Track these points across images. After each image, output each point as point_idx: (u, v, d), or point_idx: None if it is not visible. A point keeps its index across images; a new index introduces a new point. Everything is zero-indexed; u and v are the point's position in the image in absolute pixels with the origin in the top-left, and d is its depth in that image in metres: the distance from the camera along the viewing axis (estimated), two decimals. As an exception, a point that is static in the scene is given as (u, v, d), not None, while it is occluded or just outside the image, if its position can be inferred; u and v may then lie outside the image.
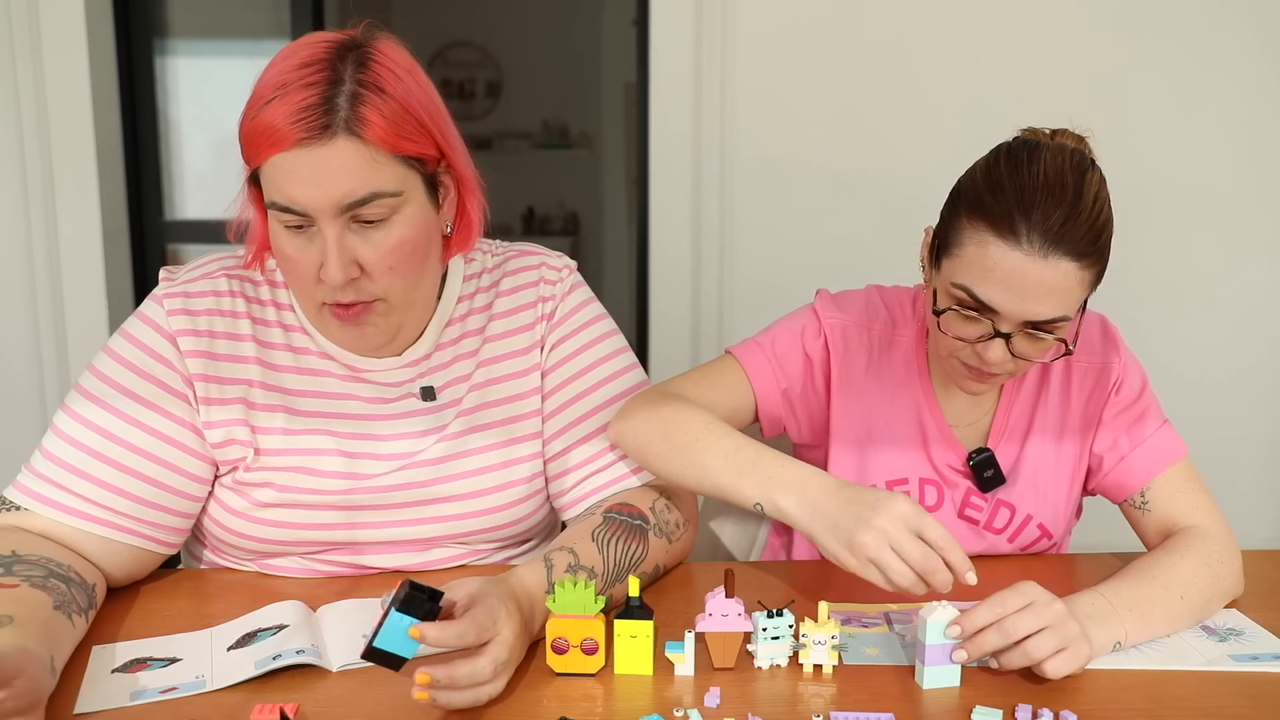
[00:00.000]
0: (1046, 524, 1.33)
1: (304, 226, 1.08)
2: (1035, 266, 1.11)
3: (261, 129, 1.05)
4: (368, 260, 1.10)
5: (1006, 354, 1.17)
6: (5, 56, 2.67)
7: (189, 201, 3.13)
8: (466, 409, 1.24)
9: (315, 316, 1.17)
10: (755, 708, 0.97)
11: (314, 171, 1.05)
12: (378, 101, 1.06)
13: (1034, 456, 1.32)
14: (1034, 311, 1.13)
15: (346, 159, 1.05)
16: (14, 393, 2.82)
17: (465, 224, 1.21)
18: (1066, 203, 1.11)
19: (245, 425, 1.18)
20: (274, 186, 1.07)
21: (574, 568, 1.10)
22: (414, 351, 1.24)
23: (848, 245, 2.75)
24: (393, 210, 1.09)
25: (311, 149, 1.04)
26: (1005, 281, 1.12)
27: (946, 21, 2.69)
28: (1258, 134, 2.73)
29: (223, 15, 3.17)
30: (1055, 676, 0.99)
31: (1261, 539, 2.62)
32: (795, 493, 1.09)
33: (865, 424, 1.33)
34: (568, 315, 1.29)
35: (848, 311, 1.34)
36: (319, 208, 1.06)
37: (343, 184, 1.05)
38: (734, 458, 1.15)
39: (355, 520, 1.21)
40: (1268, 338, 2.80)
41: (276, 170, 1.06)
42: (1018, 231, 1.11)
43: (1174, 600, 1.12)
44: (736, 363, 1.32)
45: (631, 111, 4.80)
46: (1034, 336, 1.16)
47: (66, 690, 0.98)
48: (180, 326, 1.17)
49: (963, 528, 1.33)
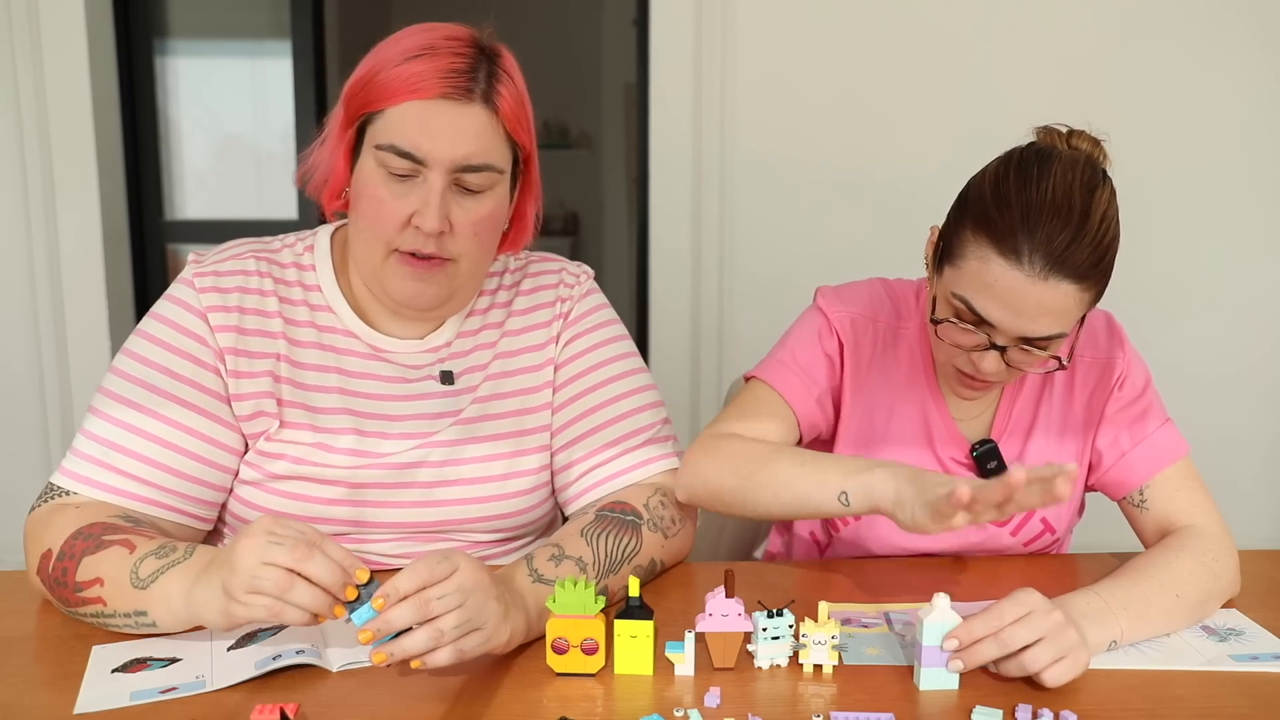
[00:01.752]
0: (1049, 518, 1.33)
1: (409, 176, 1.14)
2: (1035, 287, 1.11)
3: (405, 77, 1.12)
4: (459, 221, 1.16)
5: (1001, 365, 1.18)
6: (5, 56, 2.67)
7: (189, 201, 3.13)
8: (482, 396, 1.27)
9: (380, 264, 1.20)
10: (755, 708, 0.97)
11: (447, 126, 1.13)
12: (510, 85, 1.17)
13: (1038, 451, 1.32)
14: (1030, 329, 1.14)
15: (479, 124, 1.14)
16: (14, 393, 2.82)
17: (522, 225, 1.28)
18: (1072, 225, 1.11)
19: (272, 398, 1.22)
20: (397, 131, 1.13)
21: (557, 558, 1.12)
22: (436, 337, 1.28)
23: (848, 245, 2.75)
24: (491, 184, 1.17)
25: (452, 104, 1.12)
26: (1004, 299, 1.13)
27: (947, 22, 2.70)
28: (1258, 134, 2.73)
29: (223, 15, 3.18)
30: (1054, 685, 0.99)
31: (1261, 539, 2.63)
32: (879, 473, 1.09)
33: (870, 416, 1.34)
34: (583, 315, 1.33)
35: (852, 304, 1.35)
36: (439, 159, 1.13)
37: (468, 144, 1.13)
38: (809, 464, 1.16)
39: (362, 498, 1.23)
40: (1268, 338, 2.81)
41: (407, 116, 1.12)
42: (1020, 251, 1.11)
43: (1169, 599, 1.12)
44: (768, 386, 1.32)
45: (631, 111, 4.80)
46: (1028, 351, 1.17)
47: (66, 690, 0.98)
48: (211, 303, 1.21)
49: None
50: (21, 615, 1.14)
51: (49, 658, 1.05)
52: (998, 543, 1.34)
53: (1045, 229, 1.11)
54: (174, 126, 3.09)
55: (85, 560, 1.07)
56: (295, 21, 3.03)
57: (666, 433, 1.32)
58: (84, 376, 2.81)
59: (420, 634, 0.92)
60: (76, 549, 1.08)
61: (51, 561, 1.09)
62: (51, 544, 1.10)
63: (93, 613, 1.07)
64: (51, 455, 2.85)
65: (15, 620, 1.13)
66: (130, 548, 1.06)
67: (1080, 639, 1.00)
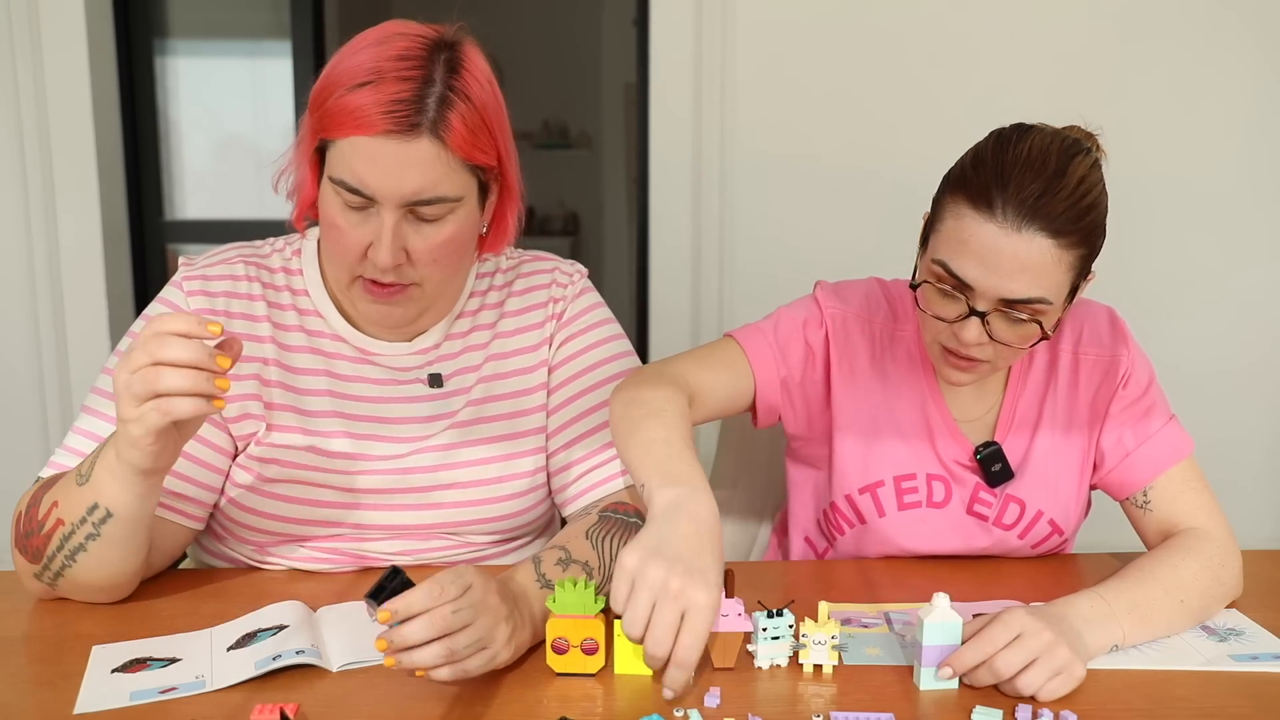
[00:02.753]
0: (1057, 519, 1.32)
1: (362, 207, 1.12)
2: (1009, 240, 1.10)
3: (350, 109, 1.08)
4: (416, 250, 1.14)
5: (983, 334, 1.16)
6: (5, 56, 2.67)
7: (189, 201, 3.13)
8: (476, 399, 1.27)
9: (345, 287, 1.20)
10: (755, 708, 0.97)
11: (392, 162, 1.09)
12: (463, 109, 1.10)
13: (1043, 451, 1.31)
14: (1007, 288, 1.12)
15: (425, 158, 1.09)
16: (14, 393, 2.82)
17: (502, 229, 1.26)
18: (1045, 177, 1.11)
19: (259, 400, 1.22)
20: (345, 165, 1.10)
21: (564, 562, 1.11)
22: (425, 340, 1.27)
23: (848, 245, 2.75)
24: (448, 211, 1.14)
25: (395, 141, 1.08)
26: (979, 254, 1.12)
27: (947, 20, 2.70)
28: (1258, 134, 2.73)
29: (223, 15, 3.18)
30: (1048, 700, 0.99)
31: (1262, 539, 2.62)
32: (669, 495, 1.03)
33: (870, 418, 1.32)
34: (577, 316, 1.32)
35: (848, 302, 1.33)
36: (387, 195, 1.10)
37: (416, 180, 1.10)
38: (658, 440, 1.10)
39: (359, 502, 1.23)
40: (1268, 338, 2.80)
41: (354, 151, 1.09)
42: (993, 203, 1.11)
43: (1174, 604, 1.12)
44: (738, 346, 1.31)
45: (631, 111, 4.80)
46: (1010, 317, 1.15)
47: (66, 690, 0.98)
48: (199, 306, 1.23)
49: (971, 524, 1.32)
50: (21, 615, 1.14)
51: (49, 658, 1.05)
52: (1005, 545, 1.33)
53: (1017, 181, 1.11)
54: (174, 126, 3.09)
55: (43, 498, 1.10)
56: (295, 21, 3.02)
57: None
58: (84, 376, 2.81)
59: (434, 648, 0.92)
60: (38, 496, 1.11)
61: (21, 522, 1.12)
62: (21, 508, 1.13)
63: (58, 543, 1.08)
64: (51, 455, 2.85)
65: (15, 620, 1.13)
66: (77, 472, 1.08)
67: (1072, 655, 1.00)
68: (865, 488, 1.31)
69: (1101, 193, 1.15)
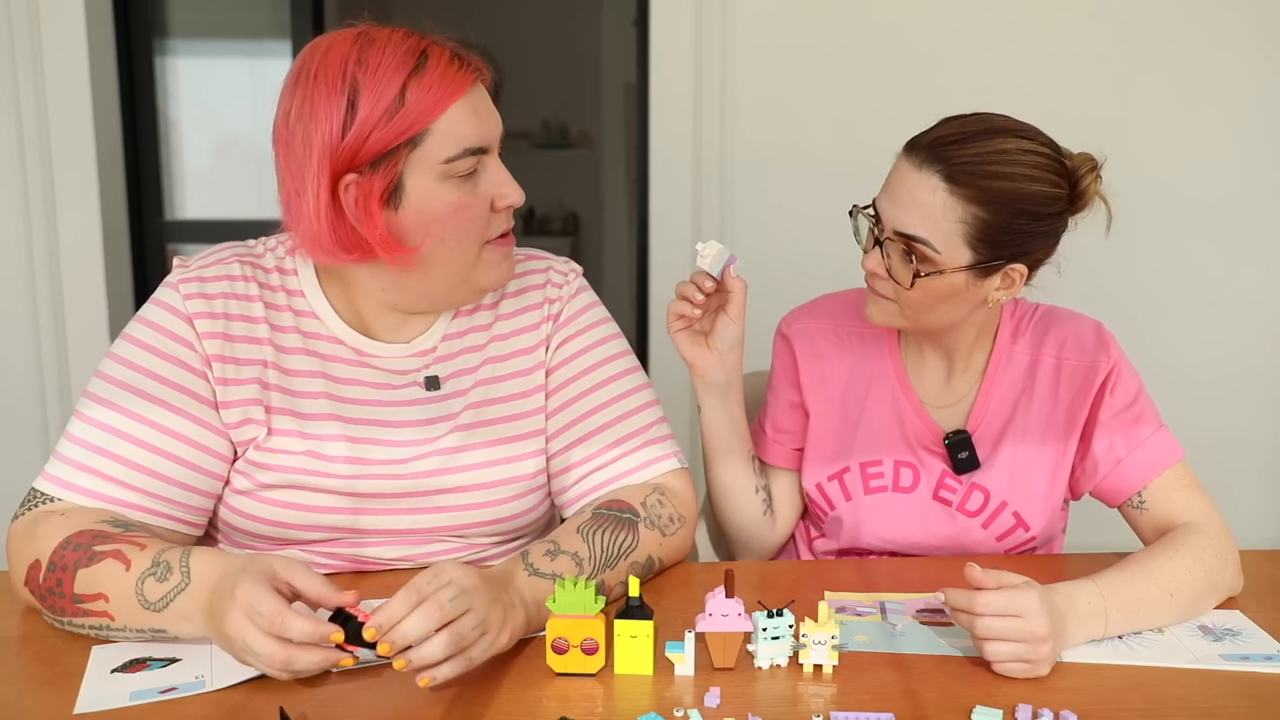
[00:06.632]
0: (1022, 514, 1.33)
1: (471, 172, 1.16)
2: (911, 174, 1.21)
3: (437, 82, 1.12)
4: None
5: (879, 262, 1.25)
6: (5, 56, 2.67)
7: (189, 201, 3.13)
8: (475, 401, 1.26)
9: (474, 262, 1.20)
10: (755, 708, 0.97)
11: (484, 106, 1.18)
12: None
13: (1013, 446, 1.33)
14: (900, 220, 1.21)
15: (487, 97, 1.19)
16: (14, 393, 2.82)
17: None
18: (967, 134, 1.20)
19: (260, 405, 1.20)
20: (455, 136, 1.14)
21: (553, 553, 1.12)
22: (422, 342, 1.27)
23: (848, 244, 2.74)
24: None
25: (477, 89, 1.17)
26: (890, 186, 1.24)
27: (950, 20, 2.69)
28: (1259, 136, 2.73)
29: (223, 15, 3.17)
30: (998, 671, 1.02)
31: (1261, 539, 2.63)
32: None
33: (843, 414, 1.39)
34: (573, 317, 1.31)
35: (814, 314, 1.43)
36: (494, 138, 1.18)
37: (496, 116, 1.20)
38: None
39: (360, 506, 1.22)
40: (1268, 338, 2.80)
41: (458, 116, 1.14)
42: (915, 143, 1.22)
43: (1164, 598, 1.13)
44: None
45: (631, 111, 4.80)
46: (900, 253, 1.22)
47: (66, 690, 0.98)
48: (197, 309, 1.20)
49: (937, 509, 1.36)
50: (21, 615, 1.14)
51: (49, 658, 1.05)
52: (970, 536, 1.35)
53: (941, 130, 1.22)
54: (174, 126, 3.08)
55: (81, 573, 1.05)
56: (295, 21, 3.02)
57: (664, 431, 1.31)
58: (84, 377, 2.80)
59: (442, 637, 0.92)
60: (68, 560, 1.06)
61: (42, 572, 1.07)
62: (39, 554, 1.08)
63: (95, 625, 1.06)
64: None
65: (15, 620, 1.13)
66: (124, 561, 1.04)
67: (1050, 657, 1.02)
68: (834, 475, 1.38)
69: (1029, 179, 1.19)
